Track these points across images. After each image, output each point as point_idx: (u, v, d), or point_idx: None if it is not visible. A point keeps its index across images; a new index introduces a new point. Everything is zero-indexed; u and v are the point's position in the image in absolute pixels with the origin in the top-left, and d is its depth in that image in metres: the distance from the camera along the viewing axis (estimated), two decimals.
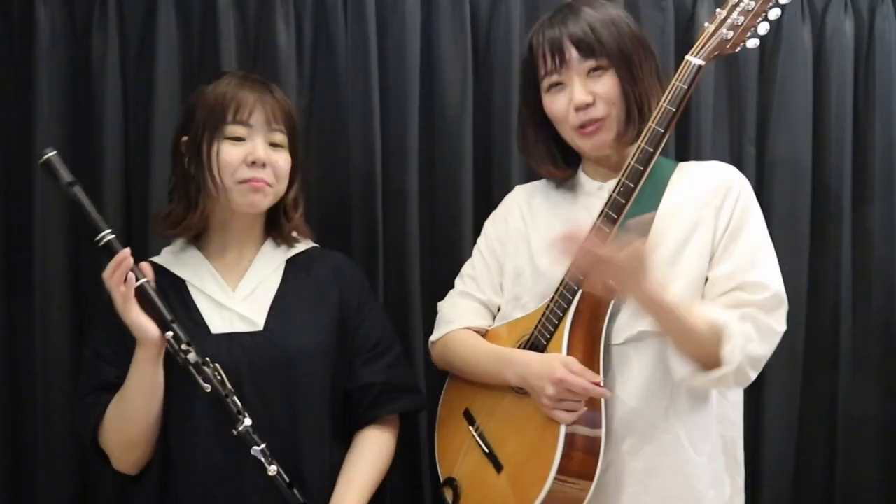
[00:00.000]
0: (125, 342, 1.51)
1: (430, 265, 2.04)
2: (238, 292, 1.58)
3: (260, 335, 1.54)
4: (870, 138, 2.20)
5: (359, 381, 1.63)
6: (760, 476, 2.19)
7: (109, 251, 1.43)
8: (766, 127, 2.16)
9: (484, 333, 1.67)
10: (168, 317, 1.44)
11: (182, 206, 1.58)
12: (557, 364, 1.44)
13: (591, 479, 1.44)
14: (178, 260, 1.61)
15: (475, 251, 1.74)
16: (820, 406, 2.24)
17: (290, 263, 1.64)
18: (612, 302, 1.49)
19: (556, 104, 1.54)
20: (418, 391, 1.75)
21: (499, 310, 1.69)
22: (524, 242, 1.64)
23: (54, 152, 1.47)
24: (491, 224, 1.74)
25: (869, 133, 2.20)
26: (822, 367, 2.22)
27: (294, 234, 1.66)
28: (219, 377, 1.44)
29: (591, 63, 1.50)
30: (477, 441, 1.60)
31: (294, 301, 1.60)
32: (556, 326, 1.50)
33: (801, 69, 2.14)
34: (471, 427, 1.63)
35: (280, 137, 1.58)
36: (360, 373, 1.63)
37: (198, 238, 1.63)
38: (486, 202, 2.04)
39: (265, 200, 1.57)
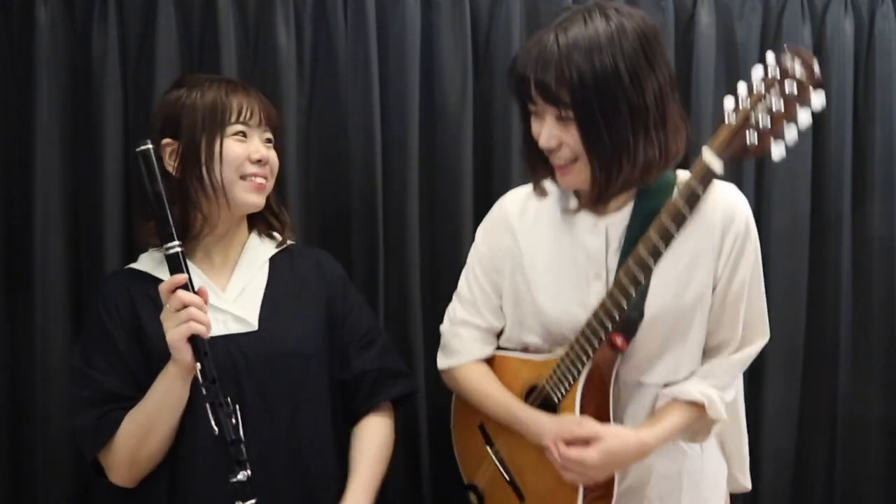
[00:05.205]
0: (118, 350, 1.50)
1: (430, 265, 2.04)
2: (228, 293, 1.58)
3: (255, 335, 1.55)
4: (870, 138, 2.20)
5: (353, 371, 1.64)
6: (760, 474, 2.20)
7: (173, 262, 1.40)
8: None
9: (491, 358, 1.66)
10: (204, 350, 1.39)
11: (176, 211, 1.52)
12: (574, 429, 1.44)
13: None
14: (164, 266, 1.53)
15: (469, 270, 1.68)
16: (820, 405, 2.24)
17: (273, 262, 1.65)
18: (622, 354, 1.49)
19: (534, 129, 1.46)
20: (411, 375, 1.77)
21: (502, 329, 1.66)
22: (518, 267, 1.58)
23: (151, 146, 1.43)
24: (482, 241, 1.66)
25: (869, 133, 2.20)
26: (822, 367, 2.23)
27: (274, 231, 1.68)
28: (234, 421, 1.39)
29: (556, 111, 1.39)
30: (496, 464, 1.62)
31: (283, 298, 1.61)
32: (570, 385, 1.49)
33: None
34: (488, 447, 1.64)
35: (270, 136, 1.62)
36: (354, 362, 1.65)
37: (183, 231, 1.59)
38: (487, 202, 2.03)
39: (263, 198, 1.61)
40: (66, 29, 1.88)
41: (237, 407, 1.39)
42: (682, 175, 1.48)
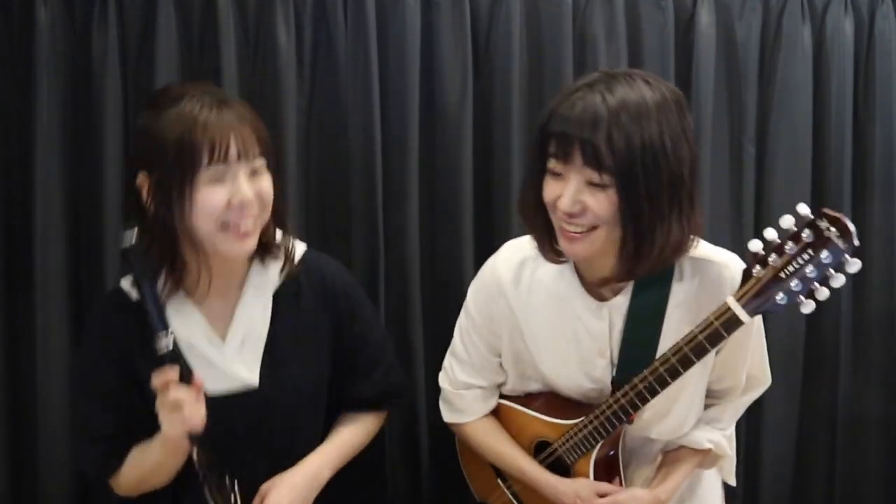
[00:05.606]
0: (112, 385, 1.46)
1: (430, 265, 2.04)
2: (228, 344, 1.48)
3: (256, 395, 1.47)
4: (870, 138, 2.21)
5: (352, 396, 1.61)
6: (760, 475, 2.20)
7: (168, 356, 1.32)
8: (766, 127, 2.16)
9: (497, 407, 1.67)
10: (199, 441, 1.34)
11: (156, 251, 1.40)
12: (591, 497, 1.51)
13: None
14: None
15: (465, 333, 1.64)
16: (820, 406, 2.24)
17: (277, 299, 1.51)
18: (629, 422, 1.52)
19: (550, 191, 1.37)
20: (406, 393, 1.74)
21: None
22: (517, 334, 1.57)
23: (134, 243, 1.32)
24: (475, 308, 1.61)
25: (869, 133, 2.21)
26: (822, 367, 2.23)
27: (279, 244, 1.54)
28: (232, 501, 1.38)
29: (593, 175, 1.31)
30: (510, 497, 1.68)
31: (287, 344, 1.50)
32: (585, 453, 1.53)
33: (801, 69, 2.14)
34: (500, 481, 1.69)
35: (259, 163, 1.40)
36: (353, 390, 1.61)
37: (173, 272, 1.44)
38: (486, 202, 2.04)
39: (253, 241, 1.42)
40: (66, 29, 1.88)
41: (235, 482, 1.38)
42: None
